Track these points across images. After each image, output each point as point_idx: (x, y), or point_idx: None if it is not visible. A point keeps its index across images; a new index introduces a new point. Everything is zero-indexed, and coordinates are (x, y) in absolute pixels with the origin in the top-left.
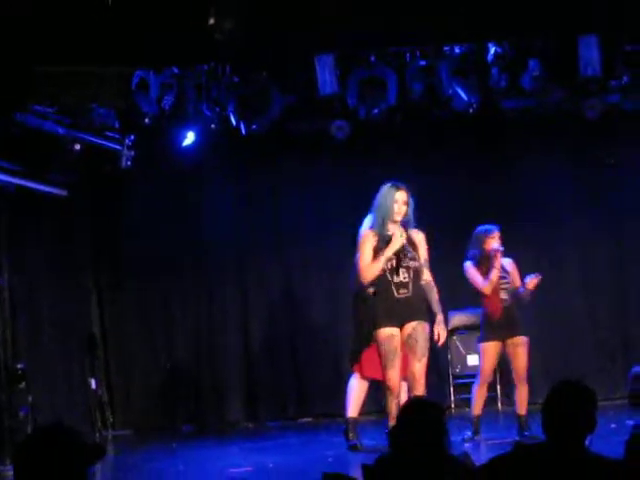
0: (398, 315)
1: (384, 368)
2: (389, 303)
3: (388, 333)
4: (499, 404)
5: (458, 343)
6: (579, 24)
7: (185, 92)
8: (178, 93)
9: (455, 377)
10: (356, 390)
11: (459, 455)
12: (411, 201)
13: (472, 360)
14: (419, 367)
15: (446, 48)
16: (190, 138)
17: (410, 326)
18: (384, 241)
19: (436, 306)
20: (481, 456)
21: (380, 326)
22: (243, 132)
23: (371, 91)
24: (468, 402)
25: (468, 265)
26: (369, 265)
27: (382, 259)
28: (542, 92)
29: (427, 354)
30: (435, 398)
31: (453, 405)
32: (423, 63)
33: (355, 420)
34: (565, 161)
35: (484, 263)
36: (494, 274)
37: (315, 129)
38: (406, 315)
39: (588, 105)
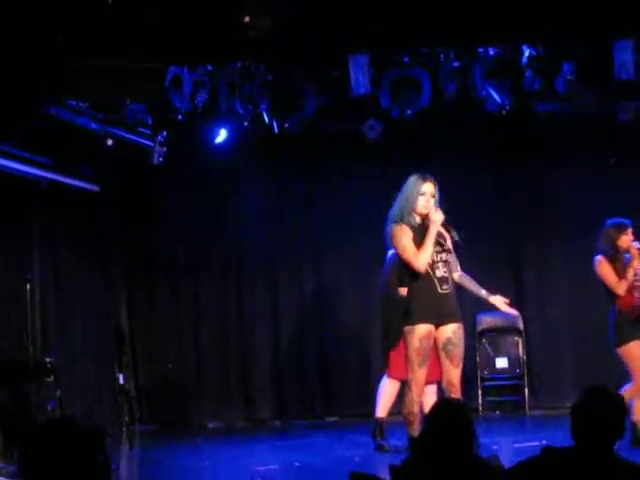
0: (438, 312)
1: (415, 366)
2: (432, 299)
3: (426, 330)
4: (527, 408)
5: (486, 345)
6: (615, 28)
7: (218, 89)
8: (211, 90)
9: (483, 380)
10: (386, 391)
11: (487, 457)
12: (437, 193)
13: (500, 362)
14: (456, 373)
15: (480, 50)
16: (222, 136)
17: (450, 329)
18: (418, 232)
19: (481, 289)
20: (510, 459)
21: (419, 322)
22: (276, 130)
23: (404, 92)
24: (496, 404)
25: (601, 260)
26: (417, 253)
27: (429, 243)
28: (576, 95)
29: (463, 359)
30: (462, 400)
31: (481, 408)
32: (457, 64)
33: (383, 420)
34: (598, 164)
35: (618, 259)
36: (630, 273)
37: (348, 129)
38: (446, 313)
39: (621, 108)
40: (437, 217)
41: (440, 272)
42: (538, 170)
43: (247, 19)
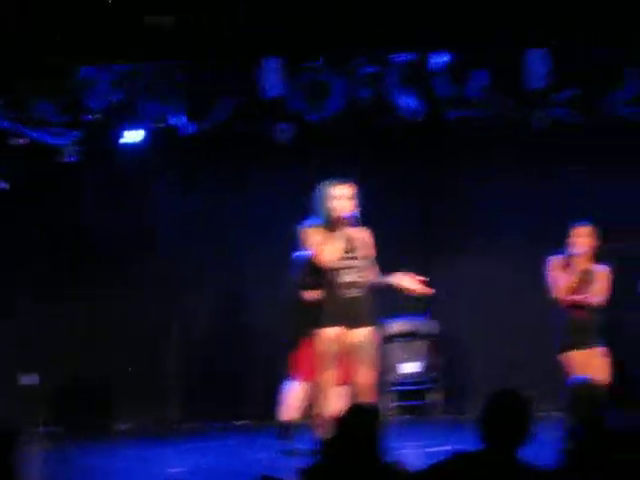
0: (346, 316)
1: (323, 369)
2: (337, 303)
3: (334, 333)
4: (437, 412)
5: (396, 350)
6: (527, 36)
7: (133, 90)
8: (126, 90)
9: (393, 384)
10: (293, 393)
11: (396, 461)
12: (355, 197)
13: (411, 367)
14: (369, 376)
15: (394, 56)
16: (137, 136)
17: (361, 333)
18: (329, 237)
19: (382, 278)
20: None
21: (325, 325)
22: (189, 131)
23: (316, 95)
24: (406, 409)
25: (550, 261)
26: (324, 250)
27: (335, 240)
28: (488, 103)
29: (376, 363)
30: (376, 403)
31: (390, 412)
32: (370, 70)
33: (292, 423)
34: (510, 171)
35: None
36: (578, 302)
37: (259, 131)
38: (354, 317)
39: (535, 116)
40: (343, 214)
41: (348, 277)
42: (450, 176)
43: (163, 20)
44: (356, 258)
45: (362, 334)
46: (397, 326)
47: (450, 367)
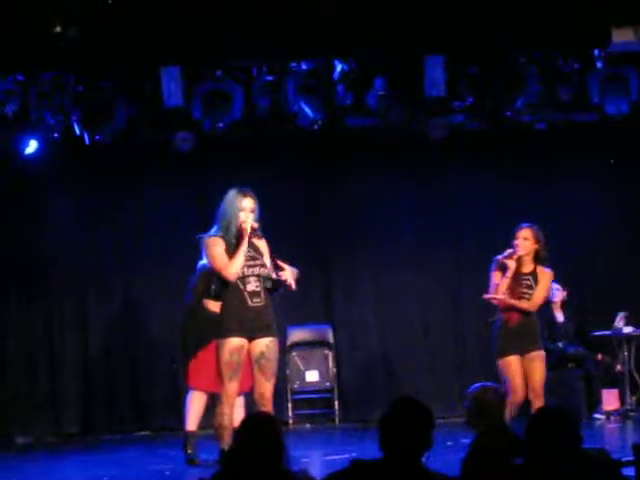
0: (250, 326)
1: (226, 380)
2: (242, 312)
3: (238, 344)
4: (337, 420)
5: (297, 359)
6: (425, 44)
7: (29, 99)
8: (22, 100)
9: (293, 393)
10: (193, 403)
11: (298, 470)
12: (257, 209)
13: (310, 376)
14: (269, 387)
15: (293, 64)
16: (33, 146)
17: (263, 343)
18: (232, 249)
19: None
20: (320, 472)
21: (229, 335)
22: (87, 142)
23: (216, 104)
24: (306, 417)
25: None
26: (229, 263)
27: (240, 252)
28: (387, 111)
29: (276, 373)
30: (273, 413)
31: (291, 421)
32: (270, 78)
33: (194, 434)
34: (408, 179)
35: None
36: (513, 305)
37: (159, 141)
38: (258, 327)
39: (432, 125)
40: (247, 226)
41: (252, 286)
42: (349, 185)
43: (57, 29)
44: (259, 267)
45: (264, 344)
46: (298, 334)
47: (350, 375)
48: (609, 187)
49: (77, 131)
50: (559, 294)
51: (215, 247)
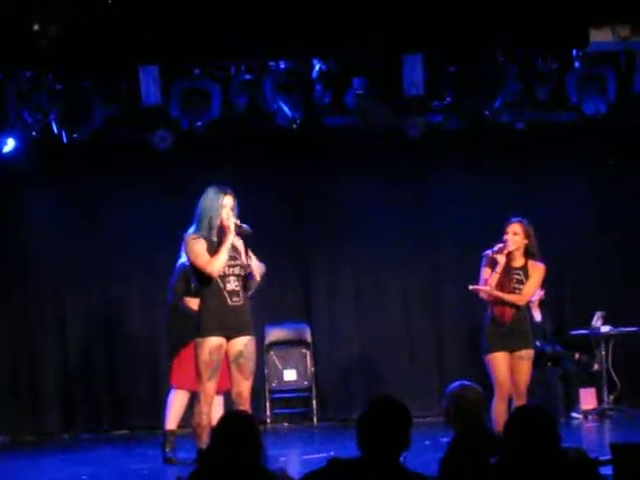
0: (229, 325)
1: (204, 379)
2: (221, 312)
3: (217, 343)
4: (315, 419)
5: (275, 358)
6: (404, 43)
7: (6, 98)
8: None
9: (271, 392)
10: (175, 402)
11: (276, 469)
12: (236, 207)
13: (288, 375)
14: (247, 386)
15: (271, 63)
16: (10, 145)
17: (241, 342)
18: (213, 247)
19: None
20: (298, 471)
21: (208, 335)
22: (65, 140)
23: (195, 103)
24: (284, 416)
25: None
26: (212, 260)
27: (223, 249)
28: (365, 110)
29: (254, 372)
30: (251, 412)
31: (269, 420)
32: (248, 77)
33: (173, 432)
34: (385, 178)
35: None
36: (501, 298)
37: (137, 139)
38: (236, 326)
39: (411, 124)
40: (230, 223)
41: (231, 285)
42: (327, 184)
43: (36, 27)
44: (239, 266)
45: (242, 343)
46: (276, 333)
47: (328, 374)
48: (587, 186)
49: (55, 130)
50: (537, 293)
51: (197, 245)
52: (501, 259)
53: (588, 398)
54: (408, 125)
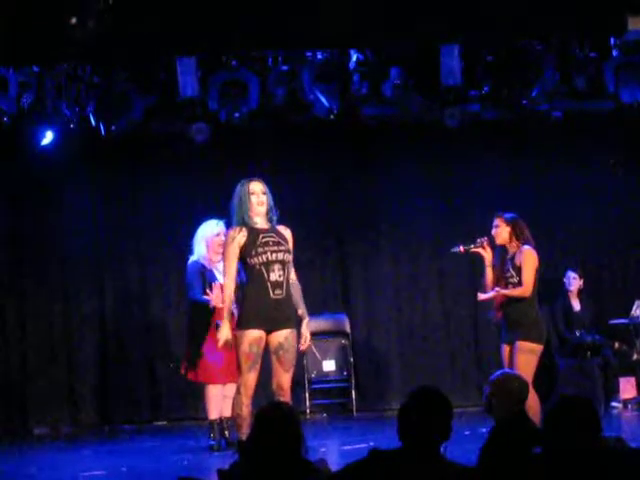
0: (271, 318)
1: (244, 370)
2: (263, 304)
3: (257, 336)
4: (354, 410)
5: (314, 348)
6: (441, 33)
7: (44, 91)
8: (37, 92)
9: (311, 382)
10: (210, 395)
11: (316, 460)
12: (269, 194)
13: (327, 365)
14: (287, 378)
15: (308, 54)
16: (49, 138)
17: (282, 335)
18: (253, 235)
19: (302, 307)
20: (338, 462)
21: (248, 327)
22: (102, 133)
23: (232, 95)
24: (324, 407)
25: None
26: (226, 280)
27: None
28: (403, 100)
29: (295, 364)
30: (291, 404)
31: (309, 411)
32: (285, 68)
33: (216, 421)
34: (424, 169)
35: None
36: (508, 294)
37: (175, 131)
38: (278, 320)
39: (448, 114)
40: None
41: (275, 275)
42: (365, 175)
43: (73, 20)
44: (283, 253)
45: (283, 336)
46: (315, 324)
47: (367, 365)
48: (626, 175)
49: (93, 122)
50: (576, 283)
51: (229, 245)
52: (485, 254)
53: (628, 387)
54: (445, 115)
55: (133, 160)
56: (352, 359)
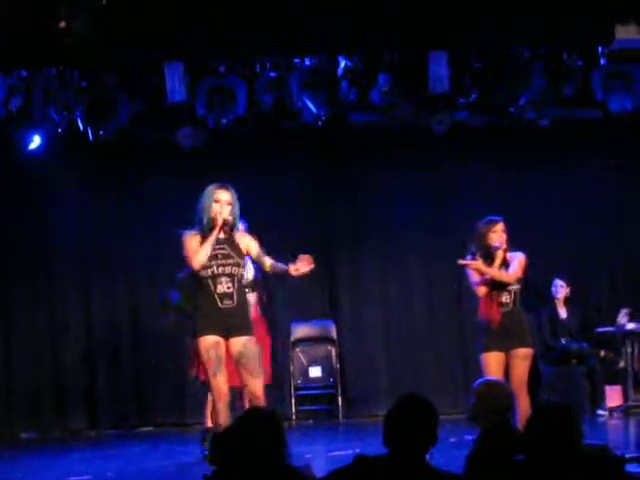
0: (222, 326)
1: (209, 375)
2: (212, 314)
3: (212, 341)
4: (340, 416)
5: (300, 354)
6: (429, 40)
7: (33, 95)
8: (26, 96)
9: (297, 389)
10: (210, 400)
11: (300, 466)
12: (236, 202)
13: (314, 372)
14: (258, 384)
15: (297, 60)
16: (36, 142)
17: (239, 342)
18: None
19: (284, 266)
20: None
21: (202, 334)
22: (91, 137)
23: (220, 100)
24: (310, 413)
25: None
26: (195, 251)
27: (207, 243)
28: (391, 107)
29: (262, 370)
30: (276, 409)
31: (295, 417)
32: (273, 74)
33: (211, 429)
34: (412, 175)
35: (486, 260)
36: (490, 273)
37: (163, 137)
38: (231, 327)
39: (436, 120)
40: (219, 218)
41: (223, 287)
42: (352, 181)
43: (62, 24)
44: (231, 267)
45: (240, 343)
46: (301, 330)
47: (353, 371)
48: (612, 183)
49: (81, 127)
50: (563, 290)
51: (190, 241)
52: (480, 268)
53: (614, 395)
54: (433, 122)
55: (121, 165)
56: (338, 365)
